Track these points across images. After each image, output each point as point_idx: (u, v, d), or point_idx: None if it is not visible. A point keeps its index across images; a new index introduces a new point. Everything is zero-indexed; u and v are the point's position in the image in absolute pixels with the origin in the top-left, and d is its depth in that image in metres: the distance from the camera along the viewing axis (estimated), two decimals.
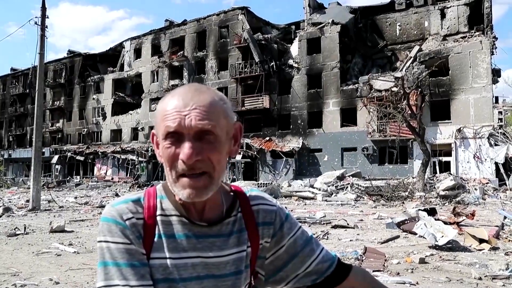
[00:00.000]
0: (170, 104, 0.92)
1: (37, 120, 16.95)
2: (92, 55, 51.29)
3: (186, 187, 0.91)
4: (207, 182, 0.92)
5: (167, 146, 0.91)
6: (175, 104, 0.91)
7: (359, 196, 19.72)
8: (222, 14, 38.80)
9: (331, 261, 1.11)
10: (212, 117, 0.90)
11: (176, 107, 0.90)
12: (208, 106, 0.91)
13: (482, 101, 26.81)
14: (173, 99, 0.92)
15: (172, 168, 0.92)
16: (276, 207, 1.11)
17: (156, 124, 0.95)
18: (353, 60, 34.41)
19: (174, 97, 0.93)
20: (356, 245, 7.89)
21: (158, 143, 0.96)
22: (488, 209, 14.69)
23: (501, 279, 5.41)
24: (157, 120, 0.95)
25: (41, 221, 12.02)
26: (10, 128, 57.83)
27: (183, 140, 0.90)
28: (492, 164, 25.80)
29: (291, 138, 33.88)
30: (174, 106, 0.91)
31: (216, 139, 0.92)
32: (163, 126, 0.91)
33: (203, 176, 0.91)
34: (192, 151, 0.88)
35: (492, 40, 27.56)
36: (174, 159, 0.90)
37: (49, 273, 5.83)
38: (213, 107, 0.92)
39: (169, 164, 0.92)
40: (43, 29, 16.82)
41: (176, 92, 0.95)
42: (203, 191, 0.92)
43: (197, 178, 0.91)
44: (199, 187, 0.91)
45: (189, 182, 0.91)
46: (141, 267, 0.92)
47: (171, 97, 0.94)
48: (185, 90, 0.94)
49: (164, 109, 0.92)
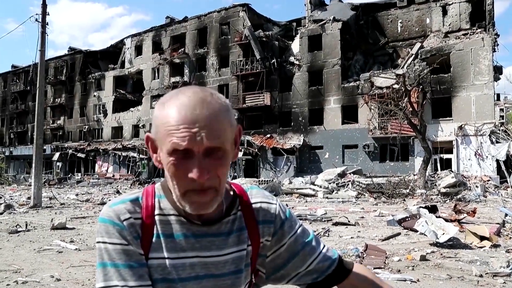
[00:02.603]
0: (175, 116, 0.86)
1: (38, 117, 16.95)
2: (93, 52, 51.26)
3: (194, 202, 0.90)
4: (214, 195, 0.91)
5: (173, 162, 0.87)
6: (181, 118, 0.86)
7: (360, 194, 19.73)
8: (223, 11, 38.73)
9: (332, 260, 1.10)
10: (221, 133, 0.88)
11: (184, 122, 0.85)
12: (217, 122, 0.87)
13: (484, 99, 26.76)
14: (176, 111, 0.87)
15: (179, 184, 0.90)
16: (276, 205, 1.10)
17: (158, 134, 0.90)
18: (354, 57, 34.34)
19: (177, 108, 0.87)
20: (357, 242, 7.90)
21: (155, 148, 0.94)
22: (489, 207, 14.69)
23: (502, 277, 5.41)
24: (158, 130, 0.90)
25: (43, 218, 12.04)
26: (11, 125, 57.88)
27: (191, 157, 0.87)
28: (493, 162, 25.77)
29: (292, 135, 33.87)
30: (181, 120, 0.86)
31: (224, 154, 0.90)
32: (169, 141, 0.86)
33: (210, 190, 0.90)
34: (203, 170, 0.86)
35: (493, 37, 27.47)
36: (182, 175, 0.88)
37: (50, 270, 5.84)
38: (221, 121, 0.88)
39: (176, 180, 0.89)
40: (44, 26, 16.80)
41: (178, 101, 0.88)
42: (210, 205, 0.91)
43: (204, 193, 0.89)
44: (207, 201, 0.91)
45: (197, 197, 0.90)
46: (139, 268, 0.92)
47: (173, 107, 0.88)
48: (189, 101, 0.88)
49: (167, 121, 0.87)
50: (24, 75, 56.25)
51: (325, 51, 33.13)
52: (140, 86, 44.86)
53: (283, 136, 34.23)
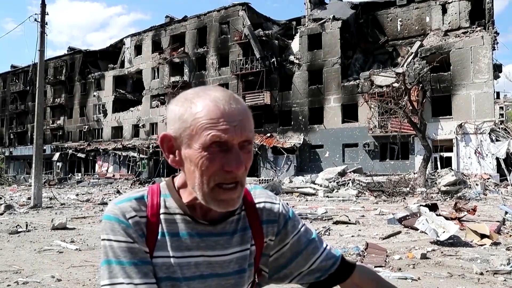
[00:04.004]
0: (211, 110, 0.87)
1: (38, 118, 16.94)
2: (93, 51, 51.23)
3: (224, 199, 0.90)
4: (240, 192, 0.92)
5: (208, 156, 0.87)
6: (219, 112, 0.87)
7: (360, 192, 19.73)
8: (222, 10, 38.71)
9: (335, 259, 1.10)
10: (252, 127, 0.92)
11: (224, 115, 0.86)
12: (248, 116, 0.91)
13: (484, 97, 26.75)
14: (213, 105, 0.87)
15: (210, 178, 0.89)
16: (280, 205, 1.10)
17: (186, 130, 0.89)
18: (354, 56, 34.33)
19: (212, 102, 0.88)
20: (357, 241, 7.90)
21: (172, 147, 0.94)
22: (489, 205, 14.70)
23: (502, 274, 5.42)
24: (187, 125, 0.89)
25: (43, 218, 12.04)
26: (11, 125, 57.87)
27: (229, 151, 0.88)
28: (493, 160, 25.77)
29: (292, 134, 33.88)
30: (219, 114, 0.86)
31: (251, 148, 0.92)
32: (207, 134, 0.86)
33: (237, 187, 0.91)
34: (242, 162, 0.88)
35: (493, 35, 27.46)
36: (216, 169, 0.88)
37: (51, 270, 5.84)
38: (250, 116, 0.92)
39: (209, 174, 0.88)
40: (43, 26, 16.78)
41: (210, 96, 0.89)
42: (237, 201, 0.92)
43: (233, 190, 0.90)
44: (235, 198, 0.91)
45: (225, 195, 0.90)
46: (144, 266, 0.92)
47: (207, 101, 0.88)
48: (223, 96, 0.89)
49: (202, 115, 0.87)
50: (23, 75, 56.24)
51: (325, 50, 33.13)
52: (140, 85, 44.85)
53: (283, 135, 34.24)
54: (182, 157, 0.92)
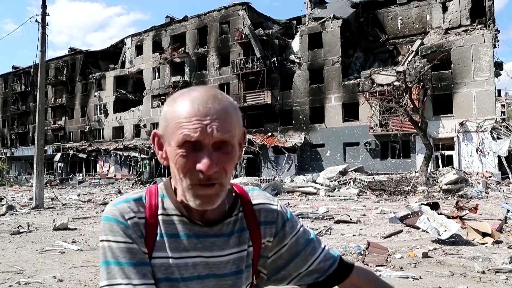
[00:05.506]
0: (186, 109, 0.88)
1: (39, 118, 16.96)
2: (93, 52, 51.28)
3: (200, 196, 0.90)
4: (219, 190, 0.91)
5: (183, 154, 0.88)
6: (193, 111, 0.88)
7: (361, 191, 19.72)
8: (223, 10, 38.70)
9: (333, 260, 1.10)
10: (231, 128, 0.89)
11: (196, 114, 0.87)
12: (227, 116, 0.89)
13: (485, 95, 26.70)
14: (189, 105, 0.89)
15: (186, 176, 0.90)
16: (277, 206, 1.10)
17: (167, 128, 0.92)
18: (354, 54, 34.29)
19: (189, 102, 0.89)
20: (359, 240, 7.90)
21: (161, 144, 0.96)
22: (491, 203, 14.68)
23: (504, 273, 5.41)
24: (168, 123, 0.91)
25: (44, 219, 12.06)
26: (13, 126, 57.95)
27: (201, 150, 0.88)
28: (495, 158, 25.73)
29: (293, 134, 33.86)
30: (193, 113, 0.87)
31: (232, 149, 0.91)
32: (180, 133, 0.87)
33: (216, 184, 0.90)
34: (212, 162, 0.87)
35: (494, 33, 27.40)
36: (190, 168, 0.88)
37: (52, 270, 5.85)
38: (231, 116, 0.90)
39: (183, 173, 0.89)
40: (44, 27, 16.81)
41: (190, 96, 0.90)
42: (215, 199, 0.92)
43: (210, 187, 0.90)
44: (211, 195, 0.91)
45: (202, 190, 0.90)
46: (143, 266, 0.92)
47: (185, 101, 0.90)
48: (201, 96, 0.90)
49: (178, 114, 0.89)
50: (24, 76, 56.32)
51: (325, 49, 33.10)
52: (141, 85, 44.87)
53: (284, 135, 34.22)
54: (167, 154, 0.93)
